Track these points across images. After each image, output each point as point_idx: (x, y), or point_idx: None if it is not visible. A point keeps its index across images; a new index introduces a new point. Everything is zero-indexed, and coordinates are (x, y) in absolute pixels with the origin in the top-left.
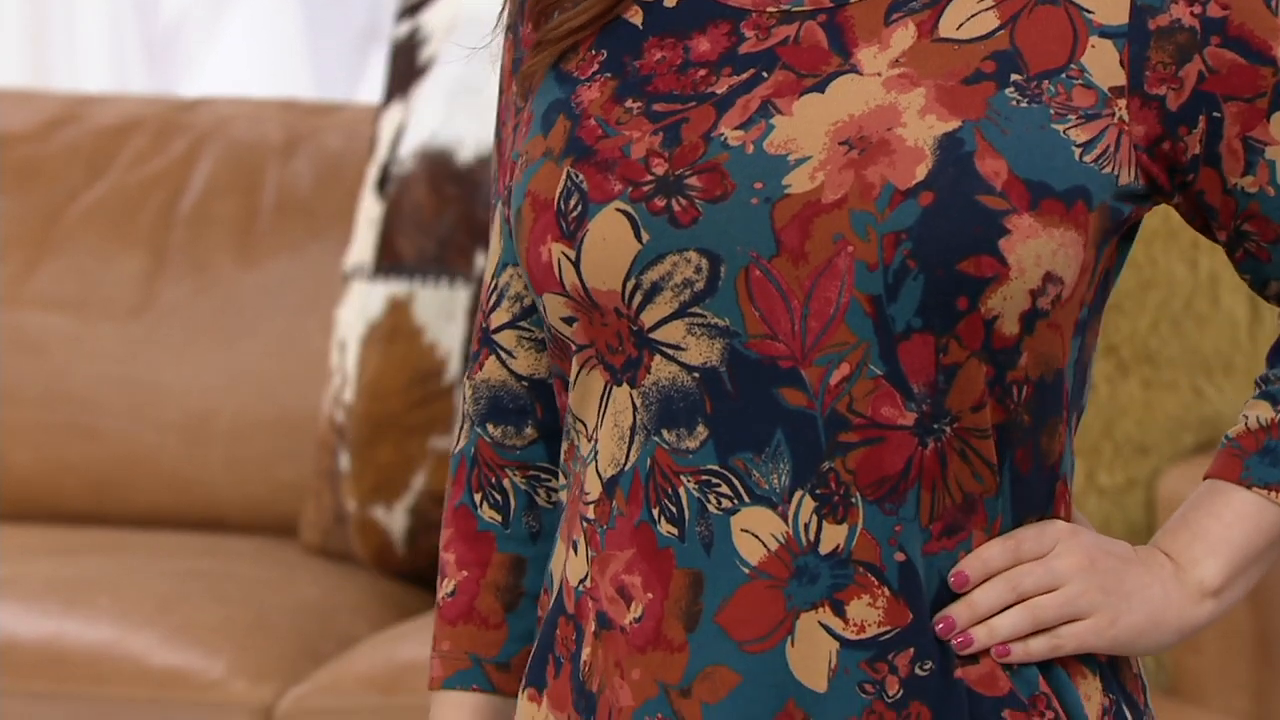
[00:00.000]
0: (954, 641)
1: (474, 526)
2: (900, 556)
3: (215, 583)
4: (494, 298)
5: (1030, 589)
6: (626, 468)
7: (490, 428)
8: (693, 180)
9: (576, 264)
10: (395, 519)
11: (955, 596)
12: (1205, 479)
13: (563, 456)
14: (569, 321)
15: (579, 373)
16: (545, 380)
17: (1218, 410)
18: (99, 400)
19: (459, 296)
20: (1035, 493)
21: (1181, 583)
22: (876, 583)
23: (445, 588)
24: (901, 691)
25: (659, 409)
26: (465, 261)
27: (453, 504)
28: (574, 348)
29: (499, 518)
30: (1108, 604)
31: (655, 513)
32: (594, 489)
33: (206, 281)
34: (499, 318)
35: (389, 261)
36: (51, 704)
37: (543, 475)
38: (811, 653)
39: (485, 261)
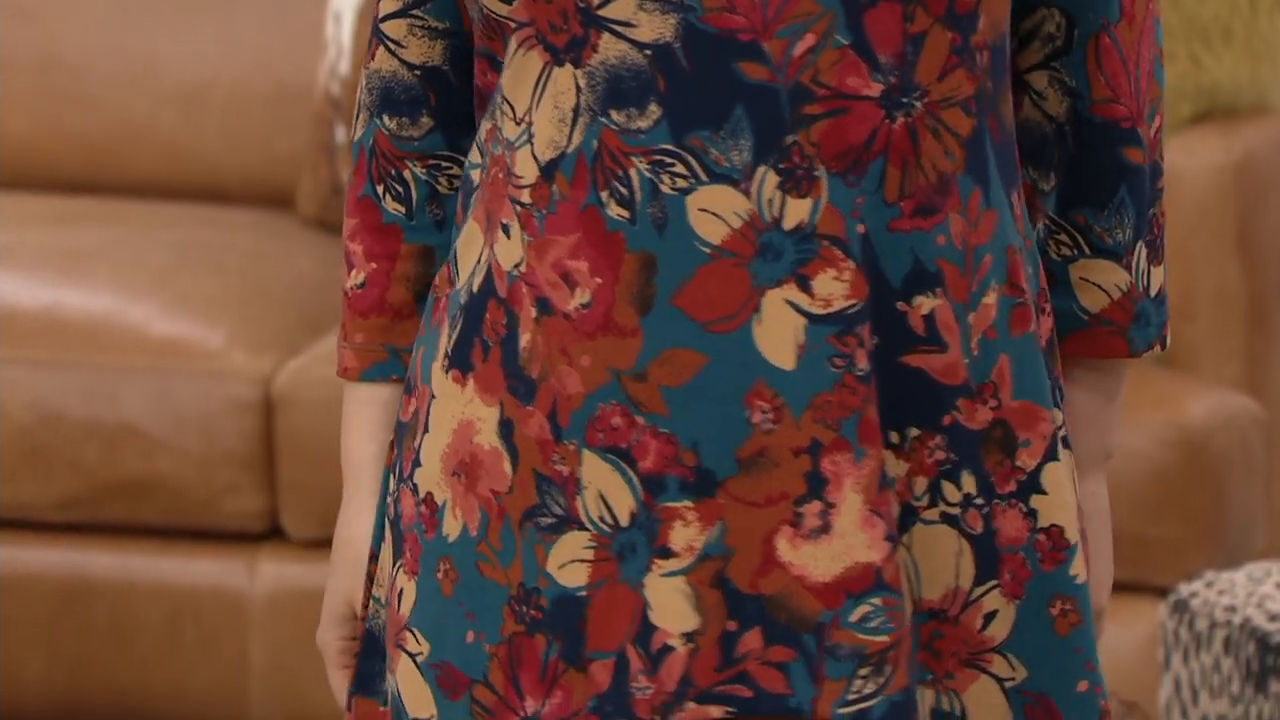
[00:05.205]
0: None
1: (379, 219)
2: (862, 229)
3: (213, 254)
4: None
5: None
6: (569, 150)
7: (386, 119)
8: None
9: None
10: None
11: (929, 277)
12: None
13: (482, 136)
14: (507, 0)
15: (515, 52)
16: (439, 68)
17: (1215, 80)
18: (94, 68)
19: None
20: (1007, 162)
21: None
22: (841, 255)
23: (354, 279)
24: (871, 365)
25: (606, 89)
26: None
27: (356, 194)
28: (512, 26)
29: (402, 209)
30: None
31: (604, 195)
32: (528, 172)
33: None
34: (387, 6)
35: None
36: (51, 371)
37: (443, 163)
38: (778, 330)
39: None
